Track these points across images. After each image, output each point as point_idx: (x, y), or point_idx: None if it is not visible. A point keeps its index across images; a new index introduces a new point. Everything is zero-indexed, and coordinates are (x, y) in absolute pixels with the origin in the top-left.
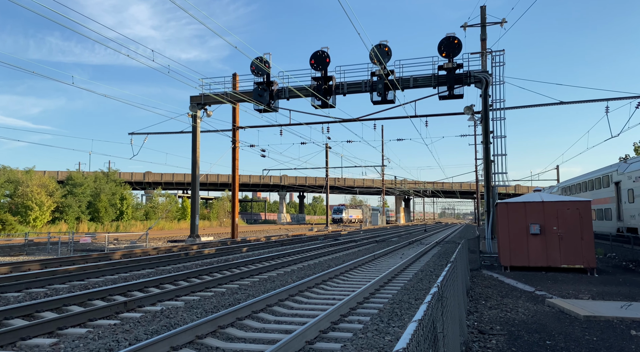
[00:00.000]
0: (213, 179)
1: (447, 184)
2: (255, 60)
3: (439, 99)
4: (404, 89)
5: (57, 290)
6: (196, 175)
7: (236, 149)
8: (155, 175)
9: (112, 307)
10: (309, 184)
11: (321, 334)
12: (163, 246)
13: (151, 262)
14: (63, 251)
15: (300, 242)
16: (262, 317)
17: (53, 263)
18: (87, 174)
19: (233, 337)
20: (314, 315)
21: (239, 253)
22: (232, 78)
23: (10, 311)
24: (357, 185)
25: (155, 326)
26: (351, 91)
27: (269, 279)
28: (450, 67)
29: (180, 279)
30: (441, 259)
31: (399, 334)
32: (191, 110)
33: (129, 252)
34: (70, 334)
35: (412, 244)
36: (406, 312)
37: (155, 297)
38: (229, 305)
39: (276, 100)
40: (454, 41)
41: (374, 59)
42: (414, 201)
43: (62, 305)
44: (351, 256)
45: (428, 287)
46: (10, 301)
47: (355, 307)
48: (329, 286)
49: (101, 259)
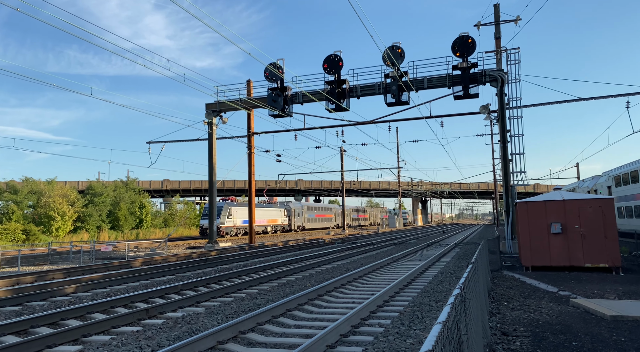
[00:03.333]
0: (229, 185)
1: (465, 185)
2: (268, 66)
3: (454, 99)
4: (418, 90)
5: (81, 298)
6: (213, 181)
7: (252, 155)
8: (172, 182)
9: (134, 314)
10: (324, 188)
11: (342, 338)
12: (182, 252)
13: (171, 269)
14: (85, 260)
15: (318, 246)
16: (282, 322)
17: (76, 272)
18: (106, 184)
19: (254, 342)
20: (334, 319)
21: (257, 258)
22: (247, 85)
23: (37, 320)
24: (372, 188)
25: (177, 332)
26: (365, 94)
27: (287, 284)
28: (465, 67)
29: (200, 285)
30: (461, 260)
31: (421, 338)
32: (207, 117)
33: (149, 260)
34: (95, 341)
35: (430, 246)
36: (427, 314)
37: (176, 304)
38: (249, 310)
39: (290, 105)
40: (468, 40)
41: (387, 60)
42: (431, 202)
43: (86, 313)
44: (369, 259)
45: (449, 290)
46: (36, 310)
47: (375, 311)
48: (348, 290)
49: (122, 267)
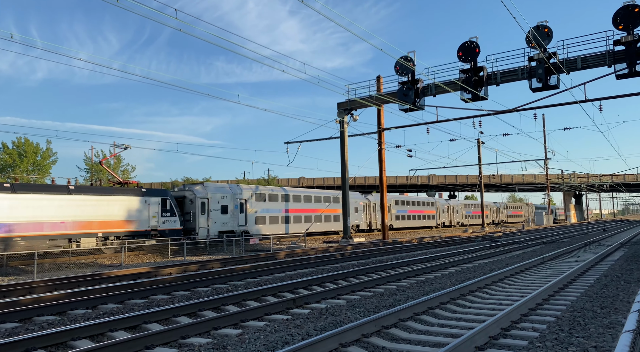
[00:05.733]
0: (360, 182)
1: (631, 176)
2: (399, 59)
3: (617, 78)
4: (569, 71)
5: (236, 286)
6: (346, 178)
7: (382, 151)
8: (308, 180)
9: (282, 303)
10: (459, 183)
11: (491, 340)
12: (320, 246)
13: (311, 262)
14: (236, 251)
15: (455, 244)
16: (424, 320)
17: (230, 262)
18: (251, 181)
19: (397, 337)
20: (480, 320)
21: (392, 254)
22: (376, 81)
23: (203, 304)
24: (515, 181)
25: (322, 322)
26: (505, 80)
27: (426, 281)
28: (630, 41)
29: (340, 279)
30: (630, 263)
31: (585, 346)
32: (338, 116)
33: (291, 253)
34: (251, 326)
35: (588, 246)
36: (591, 321)
37: (319, 295)
38: (389, 306)
39: (422, 98)
40: (634, 9)
41: (532, 42)
42: (587, 197)
43: (242, 300)
44: (515, 258)
45: (616, 295)
46: (202, 295)
47: (527, 314)
48: (493, 290)
49: (268, 259)
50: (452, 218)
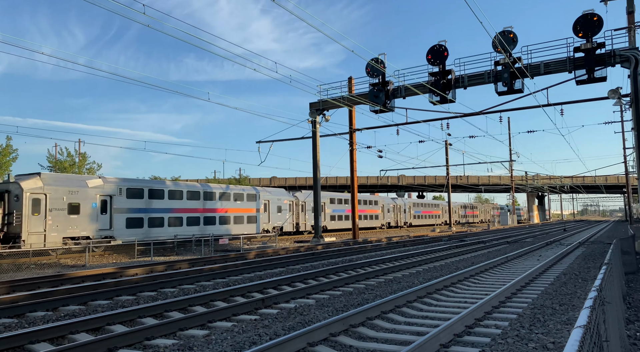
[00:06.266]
0: (332, 182)
1: (589, 178)
2: (370, 61)
3: (577, 84)
4: (533, 76)
5: (204, 286)
6: (317, 178)
7: (353, 151)
8: (280, 179)
9: (251, 303)
10: (428, 183)
11: (456, 338)
12: (291, 246)
13: (281, 261)
14: (205, 251)
15: (423, 244)
16: (391, 318)
17: (198, 262)
18: (222, 181)
19: (365, 336)
20: (445, 318)
21: (361, 253)
22: (348, 82)
23: (170, 305)
24: (481, 182)
25: (291, 322)
26: (473, 83)
27: (394, 280)
28: (589, 48)
29: (309, 278)
30: (587, 261)
31: (544, 342)
32: (310, 116)
33: (262, 252)
34: (219, 327)
35: (550, 245)
36: (550, 318)
37: (288, 295)
38: (357, 304)
39: (392, 99)
40: (593, 18)
41: (497, 46)
42: (549, 197)
43: (210, 300)
44: (480, 257)
45: (574, 292)
46: (168, 296)
47: (490, 312)
48: (458, 289)
49: (238, 259)
50: (399, 218)
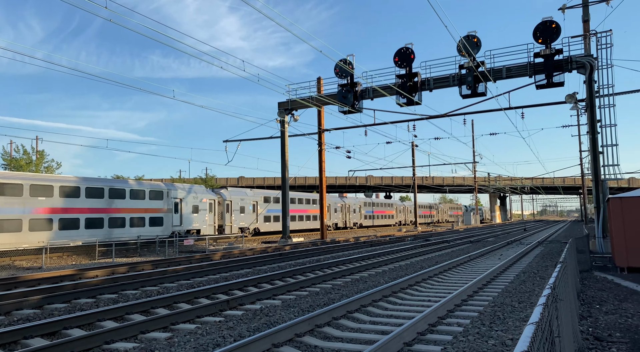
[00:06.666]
0: (301, 182)
1: (548, 180)
2: (339, 62)
3: (536, 88)
4: (496, 80)
5: (168, 288)
6: (286, 178)
7: (322, 152)
8: (247, 179)
9: (216, 305)
10: (395, 184)
11: (419, 336)
12: (258, 247)
13: (248, 262)
14: (169, 252)
15: (390, 243)
16: (357, 318)
17: (162, 263)
18: (187, 181)
19: (330, 336)
20: (409, 316)
21: (329, 253)
22: (317, 82)
23: (131, 307)
24: (446, 183)
25: (256, 323)
26: (438, 86)
27: (361, 280)
28: (548, 54)
29: (276, 279)
30: (545, 260)
31: (503, 339)
32: (279, 116)
33: (228, 253)
34: (182, 329)
35: (510, 244)
36: (509, 315)
37: (254, 296)
38: (324, 304)
39: (360, 100)
40: (551, 25)
41: (462, 50)
42: (511, 198)
43: (173, 302)
44: (444, 256)
45: (532, 290)
46: (130, 298)
47: (453, 310)
48: (423, 288)
49: (203, 260)
50: (348, 219)
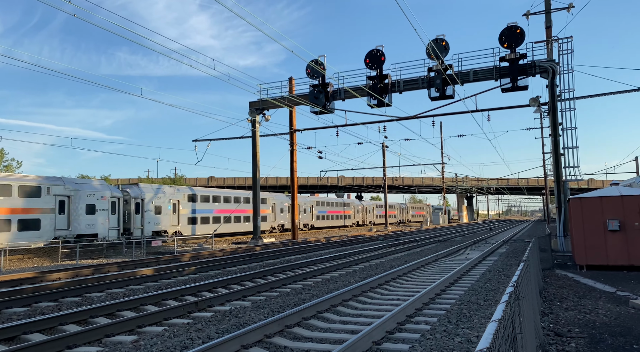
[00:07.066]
0: (272, 182)
1: (513, 180)
2: (310, 62)
3: (502, 91)
4: (463, 83)
5: (134, 290)
6: (257, 178)
7: (294, 152)
8: (218, 179)
9: (184, 307)
10: (366, 184)
11: (388, 335)
12: (228, 247)
13: (218, 263)
14: (137, 254)
15: (361, 243)
16: (327, 317)
17: (129, 265)
18: (155, 181)
19: (300, 336)
20: (378, 315)
21: (300, 254)
22: (289, 82)
23: (96, 310)
24: (416, 184)
25: (225, 325)
26: (408, 88)
27: (331, 280)
28: (513, 58)
29: (246, 280)
30: (510, 258)
31: (469, 336)
32: (250, 115)
33: (197, 254)
34: (149, 332)
35: (477, 244)
36: (475, 313)
37: (223, 298)
38: (294, 305)
39: (332, 101)
40: (516, 31)
41: (431, 54)
42: (477, 198)
43: (140, 305)
44: (413, 256)
45: (497, 288)
46: (94, 301)
47: (421, 308)
48: (392, 287)
49: (172, 261)
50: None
